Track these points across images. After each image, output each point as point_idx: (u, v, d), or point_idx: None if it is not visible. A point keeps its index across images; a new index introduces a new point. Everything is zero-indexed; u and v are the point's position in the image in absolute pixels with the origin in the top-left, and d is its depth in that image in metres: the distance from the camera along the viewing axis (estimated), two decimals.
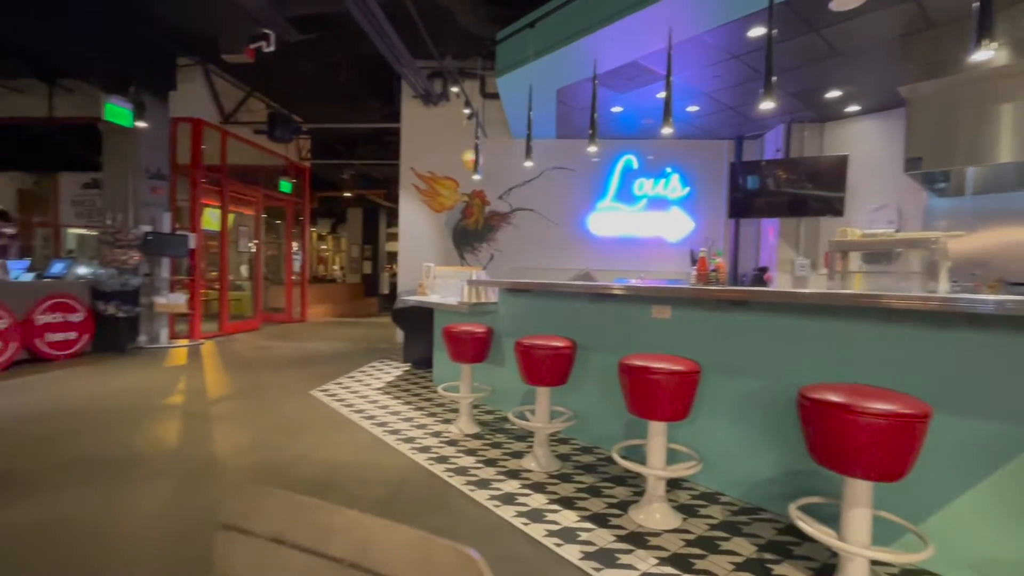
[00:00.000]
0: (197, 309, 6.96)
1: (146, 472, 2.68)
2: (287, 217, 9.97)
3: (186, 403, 4.05)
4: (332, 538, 0.69)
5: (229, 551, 0.73)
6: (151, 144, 6.41)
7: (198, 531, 2.10)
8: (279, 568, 0.70)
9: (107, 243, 6.06)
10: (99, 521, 2.17)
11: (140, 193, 6.30)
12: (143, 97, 5.87)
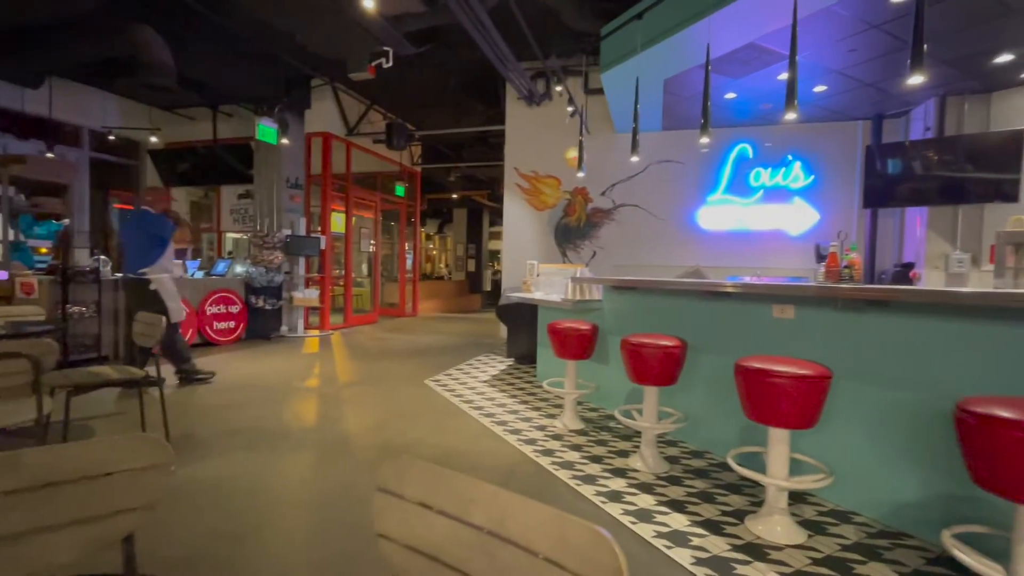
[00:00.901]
0: (327, 303, 7.79)
1: (292, 443, 3.08)
2: (400, 219, 10.74)
3: (321, 386, 4.56)
4: (472, 508, 0.77)
5: (384, 510, 0.85)
6: (291, 157, 7.28)
7: (337, 498, 2.38)
8: (426, 529, 0.80)
9: (257, 245, 7.00)
10: (258, 481, 2.55)
11: (282, 201, 7.19)
12: (286, 117, 6.69)
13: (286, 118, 6.71)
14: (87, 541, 0.85)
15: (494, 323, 8.93)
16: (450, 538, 0.77)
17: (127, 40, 4.60)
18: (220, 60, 5.99)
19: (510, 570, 0.71)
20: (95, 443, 0.91)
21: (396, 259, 11.08)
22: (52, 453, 0.87)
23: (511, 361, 5.76)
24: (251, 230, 7.33)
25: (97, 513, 0.88)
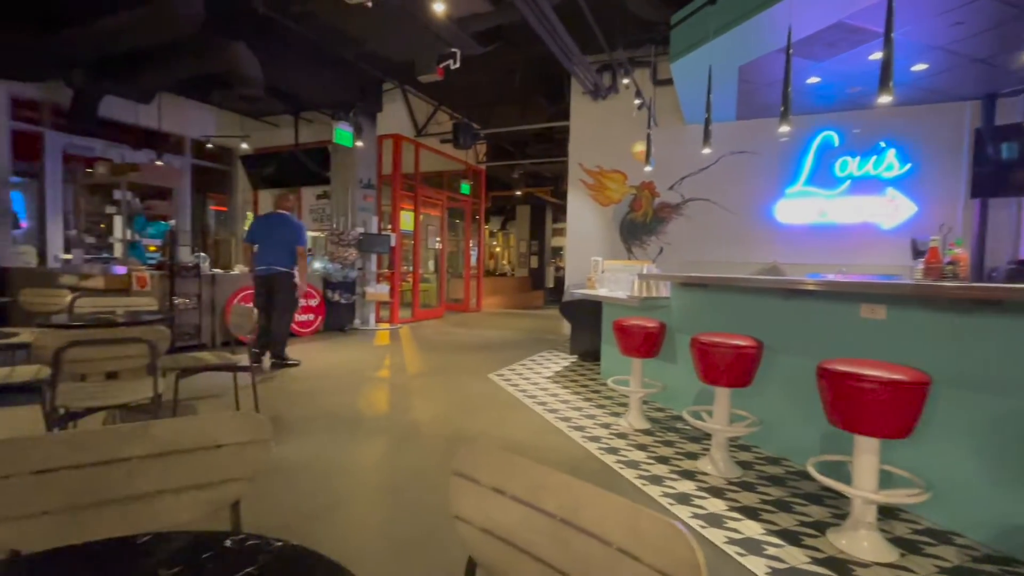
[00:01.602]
0: (396, 298, 8.13)
1: (368, 430, 3.26)
2: (465, 216, 10.98)
3: (391, 376, 4.78)
4: (545, 495, 0.79)
5: (460, 494, 0.89)
6: (364, 159, 7.65)
7: (409, 483, 2.50)
8: (500, 513, 0.83)
9: (333, 243, 7.43)
10: (337, 463, 2.72)
11: (356, 200, 7.58)
12: (360, 120, 7.04)
13: (360, 122, 7.06)
14: (203, 503, 0.96)
15: (557, 320, 8.92)
16: (523, 523, 0.80)
17: (223, 57, 5.03)
18: (302, 70, 6.40)
19: (583, 558, 0.72)
20: (207, 418, 1.02)
21: (461, 256, 11.33)
22: (173, 425, 0.99)
23: (574, 358, 5.73)
24: (328, 228, 7.78)
25: (210, 480, 0.99)
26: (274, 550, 0.64)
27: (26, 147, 6.47)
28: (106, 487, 0.91)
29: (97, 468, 0.91)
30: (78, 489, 0.90)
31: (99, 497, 0.91)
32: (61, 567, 0.59)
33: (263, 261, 4.80)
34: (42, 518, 0.86)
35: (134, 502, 0.93)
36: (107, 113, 6.50)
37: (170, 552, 0.63)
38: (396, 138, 8.13)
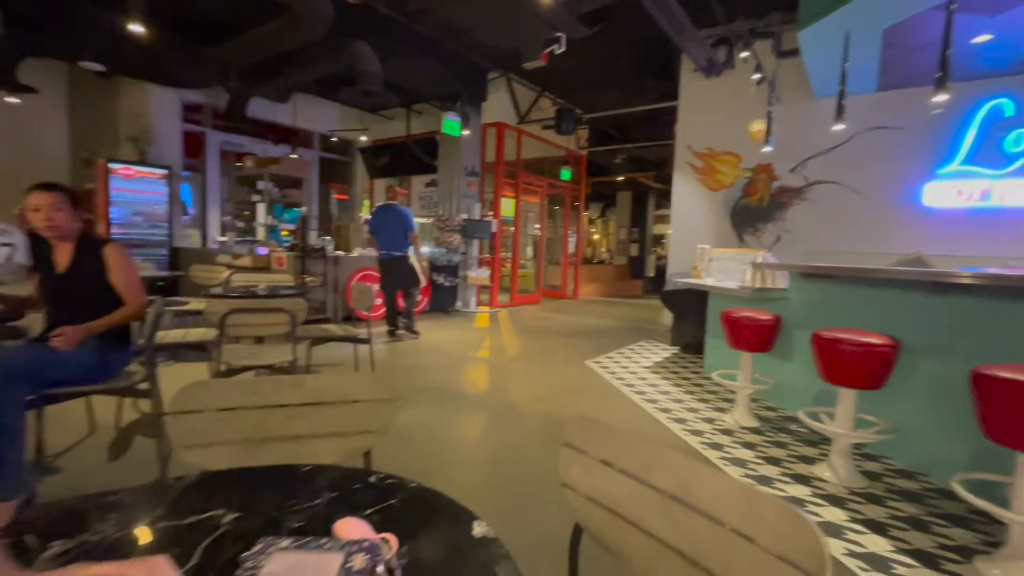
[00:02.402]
0: (496, 282, 8.39)
1: (469, 404, 3.44)
2: (565, 203, 10.94)
3: (491, 357, 4.97)
4: (655, 472, 0.80)
5: (568, 463, 0.93)
6: (469, 148, 7.93)
7: (508, 456, 2.61)
8: (607, 484, 0.86)
9: (439, 228, 7.83)
10: (442, 432, 2.92)
11: (460, 188, 7.90)
12: (466, 110, 7.30)
13: (466, 111, 7.31)
14: (342, 449, 1.11)
15: (657, 309, 8.62)
16: (631, 496, 0.82)
17: (348, 55, 5.49)
18: (414, 64, 6.76)
19: (693, 535, 0.73)
20: (347, 377, 1.16)
21: (559, 242, 11.34)
22: (321, 381, 1.14)
23: (675, 349, 5.52)
24: (435, 215, 8.21)
25: (349, 429, 1.14)
26: (409, 489, 0.72)
27: (192, 145, 7.61)
28: (270, 426, 1.09)
29: (264, 410, 1.09)
30: (251, 426, 1.08)
31: (265, 434, 1.09)
32: (244, 482, 0.73)
33: (383, 247, 5.50)
34: (224, 446, 1.05)
35: (290, 441, 1.10)
36: (252, 113, 7.41)
37: (328, 480, 0.74)
38: (499, 126, 8.30)
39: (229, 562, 0.52)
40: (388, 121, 9.41)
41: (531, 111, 8.92)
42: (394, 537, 0.54)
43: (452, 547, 0.58)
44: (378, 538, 0.53)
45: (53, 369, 1.97)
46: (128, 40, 4.62)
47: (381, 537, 0.53)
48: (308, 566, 0.48)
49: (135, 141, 6.75)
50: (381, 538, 0.53)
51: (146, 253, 6.44)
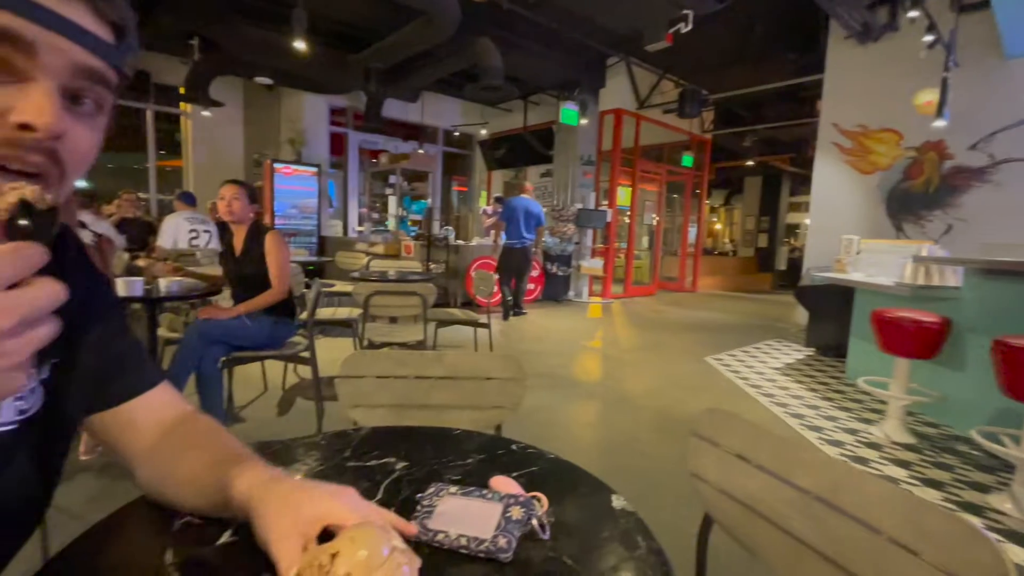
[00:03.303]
0: (609, 273, 8.27)
1: (582, 392, 3.48)
2: (685, 190, 10.38)
3: (603, 348, 4.95)
4: (798, 470, 0.77)
5: (699, 454, 0.92)
6: (585, 136, 7.87)
7: (620, 446, 2.61)
8: (742, 478, 0.84)
9: (554, 218, 7.91)
10: (556, 417, 2.99)
11: (576, 177, 7.88)
12: (584, 98, 7.25)
13: (584, 99, 7.26)
14: (476, 421, 1.21)
15: (789, 306, 7.86)
16: (769, 493, 0.80)
17: (473, 52, 5.74)
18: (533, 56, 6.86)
19: (841, 540, 0.69)
20: (482, 356, 1.27)
21: (677, 232, 10.81)
22: (459, 357, 1.25)
23: (811, 351, 5.01)
24: (549, 204, 8.31)
25: (482, 404, 1.24)
26: (548, 459, 0.78)
27: (336, 145, 8.54)
28: (415, 395, 1.23)
29: (411, 380, 1.23)
30: (399, 393, 1.23)
31: (412, 401, 1.23)
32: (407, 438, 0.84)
33: (512, 236, 5.92)
34: (380, 409, 1.22)
35: (432, 409, 1.23)
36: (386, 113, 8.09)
37: (475, 444, 0.83)
38: (617, 113, 8.11)
39: (407, 499, 0.61)
40: (507, 114, 9.67)
41: (651, 95, 8.58)
42: (544, 497, 0.60)
43: (593, 514, 0.62)
44: (531, 496, 0.59)
45: (238, 337, 2.39)
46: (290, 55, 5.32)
47: (533, 495, 0.59)
48: (474, 510, 0.56)
49: (292, 143, 7.76)
50: (533, 496, 0.59)
51: (299, 241, 7.41)
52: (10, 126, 0.38)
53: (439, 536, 0.53)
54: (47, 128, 0.38)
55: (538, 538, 0.55)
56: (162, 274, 2.54)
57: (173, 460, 0.58)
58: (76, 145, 0.42)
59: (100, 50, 0.42)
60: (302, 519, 0.46)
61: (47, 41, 0.38)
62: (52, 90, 0.39)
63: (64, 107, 0.40)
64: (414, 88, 7.49)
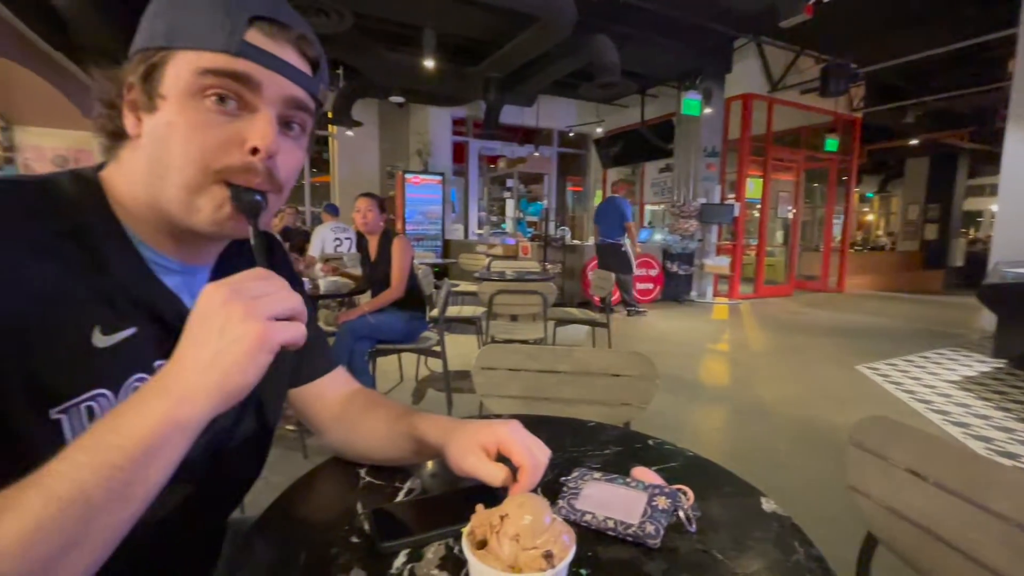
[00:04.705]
0: (737, 272, 7.68)
1: (708, 396, 3.29)
2: (828, 178, 9.24)
3: (731, 351, 4.62)
4: (992, 492, 0.66)
5: (860, 466, 0.84)
6: (709, 126, 7.40)
7: (753, 455, 2.42)
8: (916, 496, 0.75)
9: (674, 215, 7.56)
10: (680, 420, 2.87)
11: (698, 170, 7.44)
12: (708, 86, 6.83)
13: (708, 87, 6.83)
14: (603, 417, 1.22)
15: (969, 309, 6.62)
16: (951, 515, 0.70)
17: (589, 51, 5.72)
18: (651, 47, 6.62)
19: None
20: (610, 352, 1.27)
21: (819, 225, 9.68)
22: (588, 353, 1.27)
23: (1001, 362, 4.17)
24: (668, 201, 7.95)
25: (610, 400, 1.25)
26: (687, 456, 0.77)
27: (458, 153, 9.06)
28: (545, 388, 1.28)
29: (541, 374, 1.28)
30: (530, 385, 1.28)
31: (541, 394, 1.28)
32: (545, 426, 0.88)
33: (602, 235, 5.99)
34: (511, 399, 1.28)
35: (561, 403, 1.26)
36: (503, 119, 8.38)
37: (611, 436, 0.85)
38: (746, 98, 7.50)
39: (551, 482, 0.65)
40: (623, 110, 9.46)
41: (786, 75, 7.79)
42: (690, 490, 0.60)
43: (742, 513, 0.61)
44: (675, 488, 0.59)
45: (380, 332, 2.66)
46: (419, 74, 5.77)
47: (678, 487, 0.59)
48: (619, 496, 0.58)
49: (420, 154, 8.40)
50: (678, 488, 0.59)
51: (426, 245, 7.99)
52: (245, 151, 0.48)
53: (586, 517, 0.56)
54: (267, 149, 0.48)
55: (684, 530, 0.55)
56: (321, 275, 2.93)
57: (360, 421, 0.69)
58: (287, 162, 0.52)
59: (304, 83, 0.51)
60: (483, 440, 0.58)
61: (269, 79, 0.48)
62: (272, 118, 0.49)
63: (279, 132, 0.50)
64: (530, 93, 7.66)
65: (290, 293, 0.44)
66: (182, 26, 0.47)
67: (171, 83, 0.47)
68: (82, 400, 0.44)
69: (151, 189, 0.49)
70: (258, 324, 0.40)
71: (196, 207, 0.48)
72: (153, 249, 0.52)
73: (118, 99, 0.50)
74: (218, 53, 0.46)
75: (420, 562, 0.50)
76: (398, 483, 0.65)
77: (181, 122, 0.47)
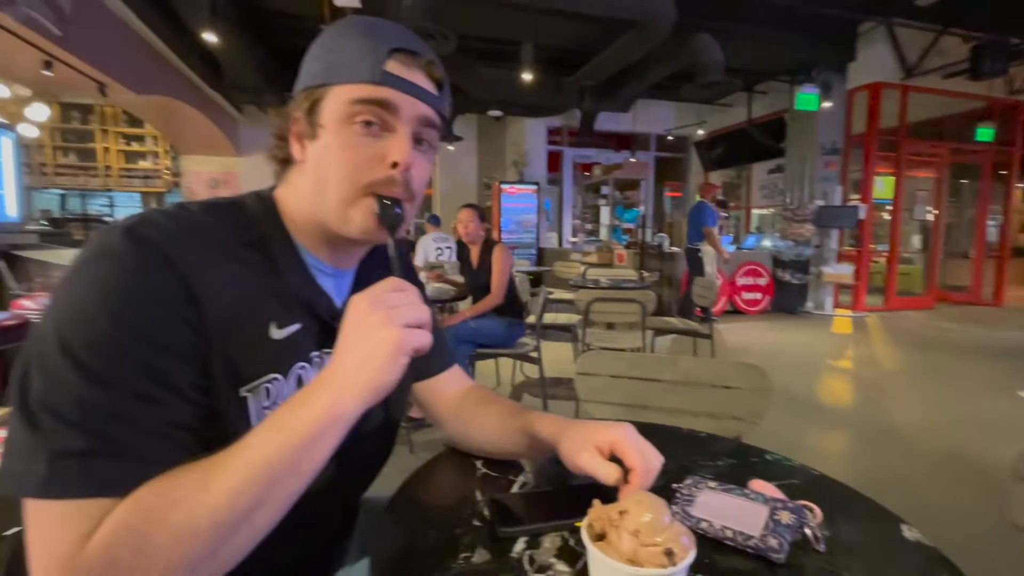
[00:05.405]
0: (863, 281, 6.88)
1: (827, 418, 2.99)
2: (981, 173, 7.96)
3: (856, 369, 4.15)
4: None
5: None
6: (828, 122, 6.75)
7: (888, 487, 2.15)
8: None
9: (786, 219, 6.98)
10: (796, 441, 2.64)
11: (815, 170, 6.80)
12: (827, 77, 6.25)
13: (827, 79, 6.25)
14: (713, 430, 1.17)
15: None
16: None
17: (690, 51, 5.50)
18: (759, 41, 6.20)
19: None
20: (718, 362, 1.22)
21: (967, 228, 8.36)
22: (694, 362, 1.24)
23: None
24: (779, 204, 7.36)
25: (719, 413, 1.19)
26: (811, 474, 0.72)
27: (553, 162, 9.14)
28: (648, 397, 1.25)
29: (644, 382, 1.26)
30: (632, 393, 1.27)
31: (645, 402, 1.26)
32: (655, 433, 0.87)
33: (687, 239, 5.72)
34: (613, 406, 1.28)
35: (665, 412, 1.23)
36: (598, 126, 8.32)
37: (724, 448, 0.82)
38: (874, 87, 6.73)
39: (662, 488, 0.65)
40: (726, 109, 8.95)
41: (925, 58, 6.87)
42: (817, 508, 0.56)
43: (879, 539, 0.56)
44: (800, 504, 0.56)
45: (480, 337, 2.77)
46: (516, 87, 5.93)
47: (803, 504, 0.56)
48: (737, 506, 0.57)
49: (516, 165, 8.61)
50: (804, 505, 0.56)
51: (520, 253, 8.14)
52: (386, 166, 0.55)
53: (702, 524, 0.55)
54: (405, 163, 0.55)
55: (811, 548, 0.53)
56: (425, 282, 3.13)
57: (476, 415, 0.74)
58: (419, 174, 0.59)
59: (432, 102, 0.58)
60: (597, 440, 0.59)
61: (405, 102, 0.55)
62: (408, 136, 0.56)
63: (413, 147, 0.57)
64: (627, 98, 7.54)
65: (420, 304, 0.50)
66: (335, 65, 0.55)
67: (328, 113, 0.55)
68: (262, 382, 0.53)
69: (314, 204, 0.58)
70: (396, 331, 0.47)
71: (349, 217, 0.56)
72: (313, 255, 0.61)
73: (286, 131, 0.60)
74: (365, 84, 0.54)
75: (538, 550, 0.52)
76: (511, 476, 0.69)
77: (336, 145, 0.55)
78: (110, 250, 0.46)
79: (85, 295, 0.44)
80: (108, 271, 0.45)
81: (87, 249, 0.47)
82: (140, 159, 8.52)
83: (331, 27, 0.58)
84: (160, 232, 0.48)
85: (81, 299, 0.44)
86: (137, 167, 8.45)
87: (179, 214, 0.52)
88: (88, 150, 8.21)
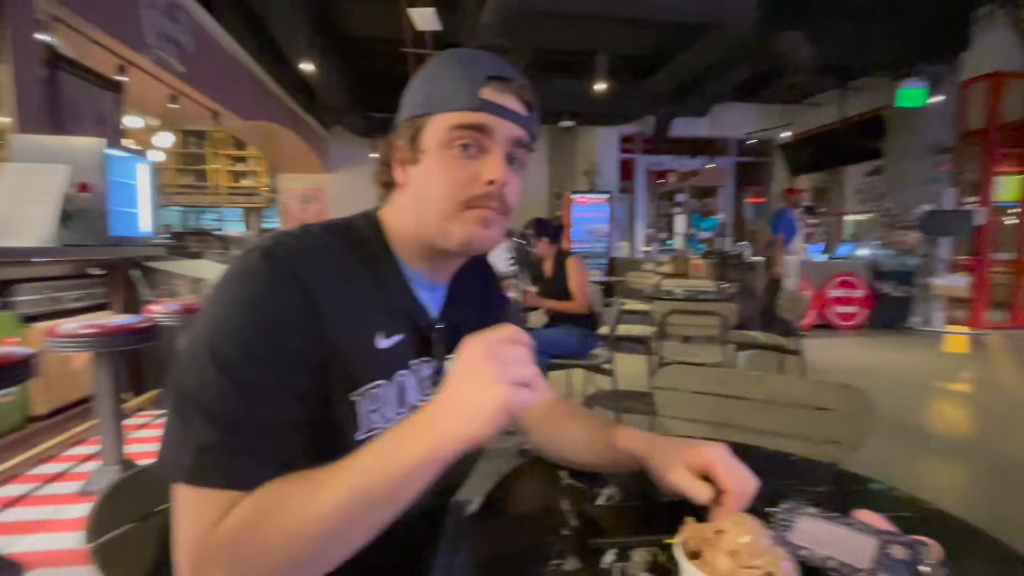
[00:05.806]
0: (982, 294, 6.12)
1: (938, 447, 2.69)
2: None
3: (975, 393, 3.70)
4: None
5: None
6: (936, 118, 6.12)
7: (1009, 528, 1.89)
8: None
9: (887, 225, 6.38)
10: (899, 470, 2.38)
11: (921, 171, 6.18)
12: (934, 70, 5.68)
13: (935, 71, 5.68)
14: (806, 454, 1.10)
15: None
16: None
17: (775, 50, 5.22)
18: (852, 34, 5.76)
19: None
20: (813, 382, 1.15)
21: None
22: (784, 381, 1.17)
23: None
24: (878, 209, 6.74)
25: (813, 436, 1.12)
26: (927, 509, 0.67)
27: (625, 170, 9.00)
28: (733, 415, 1.20)
29: (728, 400, 1.21)
30: (715, 410, 1.22)
31: (728, 420, 1.21)
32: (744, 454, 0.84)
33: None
34: (694, 423, 1.24)
35: (752, 433, 1.18)
36: (673, 132, 8.09)
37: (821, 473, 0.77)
38: (993, 78, 6.00)
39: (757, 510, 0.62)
40: (814, 109, 8.38)
41: None
42: (937, 544, 0.52)
43: None
44: (915, 539, 0.52)
45: (554, 347, 2.78)
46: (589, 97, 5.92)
47: (918, 539, 0.52)
48: (841, 536, 0.54)
49: (587, 174, 8.56)
50: (919, 540, 0.52)
51: (591, 263, 8.06)
52: (482, 183, 0.59)
53: (801, 551, 0.52)
54: (500, 181, 0.59)
55: None
56: None
57: (561, 426, 0.76)
58: (512, 190, 0.62)
59: (523, 123, 0.62)
60: (688, 459, 0.59)
61: (499, 125, 0.59)
62: (501, 156, 0.60)
63: (507, 167, 0.60)
64: (705, 102, 7.28)
65: (530, 362, 0.50)
66: (435, 95, 0.60)
67: (429, 140, 0.60)
68: (370, 388, 0.58)
69: (416, 221, 0.63)
70: (506, 389, 0.46)
71: (449, 231, 0.60)
72: (413, 270, 0.66)
73: (390, 158, 0.65)
74: (463, 112, 0.58)
75: (628, 563, 0.53)
76: (596, 488, 0.69)
77: (437, 167, 0.60)
78: (249, 269, 0.53)
79: (230, 309, 0.51)
80: (247, 288, 0.52)
81: (232, 267, 0.54)
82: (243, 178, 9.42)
83: (430, 61, 0.64)
84: (290, 252, 0.55)
85: (226, 312, 0.51)
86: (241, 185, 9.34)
87: (305, 235, 0.59)
88: (201, 171, 9.22)
